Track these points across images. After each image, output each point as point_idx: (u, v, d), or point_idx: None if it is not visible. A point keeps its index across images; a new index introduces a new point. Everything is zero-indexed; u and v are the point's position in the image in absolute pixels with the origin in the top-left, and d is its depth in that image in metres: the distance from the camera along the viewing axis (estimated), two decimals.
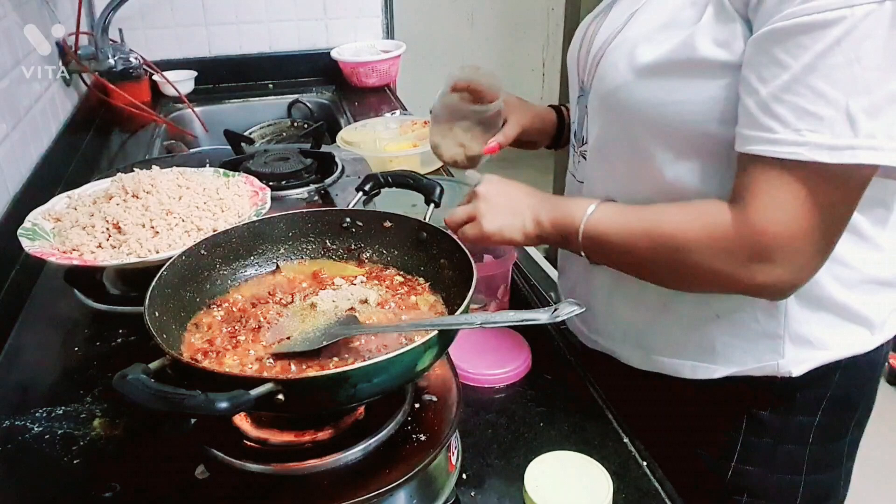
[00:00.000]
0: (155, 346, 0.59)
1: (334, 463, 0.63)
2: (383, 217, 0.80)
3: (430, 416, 0.69)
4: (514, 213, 0.83)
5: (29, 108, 1.40)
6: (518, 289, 1.08)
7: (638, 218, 0.76)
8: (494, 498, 0.72)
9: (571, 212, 0.80)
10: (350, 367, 0.57)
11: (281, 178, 1.30)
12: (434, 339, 0.60)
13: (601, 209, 0.78)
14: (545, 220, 0.82)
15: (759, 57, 0.65)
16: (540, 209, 0.82)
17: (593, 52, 0.84)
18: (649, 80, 0.74)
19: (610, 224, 0.77)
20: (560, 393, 0.86)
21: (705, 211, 0.71)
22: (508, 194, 0.85)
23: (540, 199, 0.84)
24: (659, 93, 0.73)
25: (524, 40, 3.96)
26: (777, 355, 0.81)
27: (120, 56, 1.87)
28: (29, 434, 0.78)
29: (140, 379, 0.51)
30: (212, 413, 0.50)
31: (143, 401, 0.50)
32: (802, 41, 0.61)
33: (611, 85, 0.78)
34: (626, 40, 0.78)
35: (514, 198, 0.85)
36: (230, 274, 0.78)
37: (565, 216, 0.80)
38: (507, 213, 0.83)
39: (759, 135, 0.65)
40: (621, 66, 0.77)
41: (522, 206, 0.83)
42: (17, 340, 0.96)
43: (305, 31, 2.16)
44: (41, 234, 0.95)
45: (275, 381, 0.53)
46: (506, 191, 0.86)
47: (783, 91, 0.63)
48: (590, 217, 0.77)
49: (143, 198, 0.99)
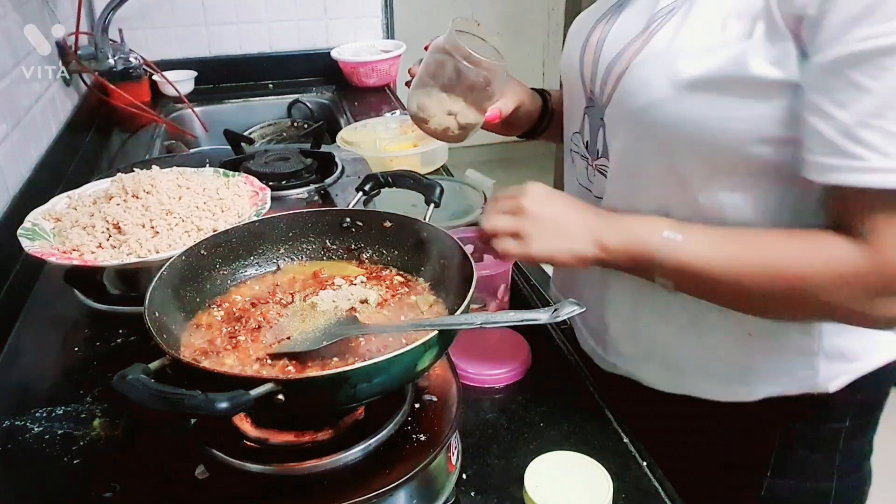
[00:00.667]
0: (155, 346, 0.59)
1: (334, 463, 0.63)
2: (383, 217, 0.80)
3: (430, 417, 0.69)
4: (567, 234, 0.76)
5: (29, 109, 1.40)
6: (518, 289, 1.08)
7: (745, 251, 0.70)
8: (494, 498, 0.72)
9: (645, 237, 0.72)
10: (350, 367, 0.57)
11: (281, 178, 1.30)
12: (434, 339, 0.60)
13: (688, 237, 0.71)
14: (613, 245, 0.74)
15: (832, 81, 0.62)
16: (603, 231, 0.75)
17: (607, 61, 0.79)
18: (692, 96, 0.69)
19: (708, 257, 0.70)
20: (560, 393, 0.86)
21: (825, 246, 0.66)
22: (560, 211, 0.77)
23: (599, 219, 0.76)
24: (702, 110, 0.69)
25: (524, 40, 3.96)
26: (812, 372, 0.79)
27: (120, 56, 1.87)
28: (29, 434, 0.78)
29: (140, 379, 0.51)
30: (212, 413, 0.50)
31: (142, 401, 0.50)
32: (885, 63, 0.59)
33: (644, 101, 0.73)
34: (658, 53, 0.72)
35: (566, 216, 0.77)
36: (230, 274, 0.78)
37: (639, 242, 0.73)
38: (559, 235, 0.76)
39: (847, 163, 0.62)
40: (657, 81, 0.71)
41: (577, 227, 0.76)
42: (16, 340, 0.96)
43: (305, 31, 2.16)
44: (41, 234, 0.95)
45: (275, 381, 0.53)
46: (556, 207, 0.77)
47: (870, 116, 0.60)
48: (675, 246, 0.71)
49: (143, 198, 0.99)
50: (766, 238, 0.70)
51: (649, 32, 0.74)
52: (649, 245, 0.72)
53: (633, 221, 0.75)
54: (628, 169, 0.80)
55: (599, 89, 0.81)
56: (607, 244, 0.74)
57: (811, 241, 0.68)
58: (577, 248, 0.75)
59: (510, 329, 0.95)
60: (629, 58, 0.75)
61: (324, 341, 0.65)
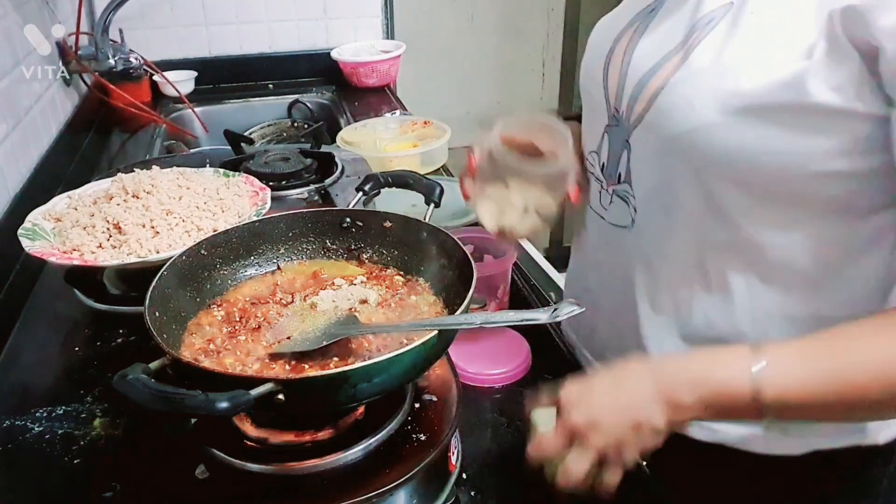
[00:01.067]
0: (155, 346, 0.59)
1: (334, 463, 0.63)
2: (383, 217, 0.80)
3: (430, 416, 0.69)
4: (631, 413, 0.61)
5: (29, 109, 1.40)
6: (518, 289, 1.08)
7: (844, 369, 0.58)
8: (494, 498, 0.72)
9: (728, 380, 0.59)
10: (350, 366, 0.57)
11: (281, 178, 1.30)
12: (434, 339, 0.60)
13: (777, 367, 0.58)
14: (690, 400, 0.60)
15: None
16: (672, 386, 0.60)
17: (638, 76, 0.70)
18: (741, 124, 0.61)
19: (806, 386, 0.58)
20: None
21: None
22: (608, 393, 0.63)
23: (661, 376, 0.62)
24: (752, 140, 0.61)
25: (524, 41, 3.96)
26: (862, 425, 0.73)
27: (120, 56, 1.87)
28: (29, 434, 0.78)
29: (140, 379, 0.52)
30: (212, 413, 0.50)
31: (143, 401, 0.51)
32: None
33: (684, 126, 0.64)
34: (702, 70, 0.63)
35: (618, 394, 0.62)
36: (230, 274, 0.78)
37: (723, 388, 0.59)
38: (616, 413, 0.61)
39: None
40: (701, 103, 0.62)
41: (637, 397, 0.61)
42: (17, 340, 0.96)
43: (305, 32, 2.16)
44: (41, 234, 0.95)
45: (275, 381, 0.53)
46: (603, 391, 0.63)
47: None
48: (767, 382, 0.58)
49: (143, 198, 0.99)
50: (864, 346, 0.59)
51: (689, 46, 0.65)
52: (736, 387, 0.59)
53: (707, 361, 0.62)
54: (660, 200, 0.71)
55: (627, 108, 0.72)
56: (683, 400, 0.60)
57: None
58: (644, 418, 0.60)
59: (510, 329, 0.95)
60: (666, 75, 0.66)
61: (324, 341, 0.65)
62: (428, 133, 1.57)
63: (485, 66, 3.43)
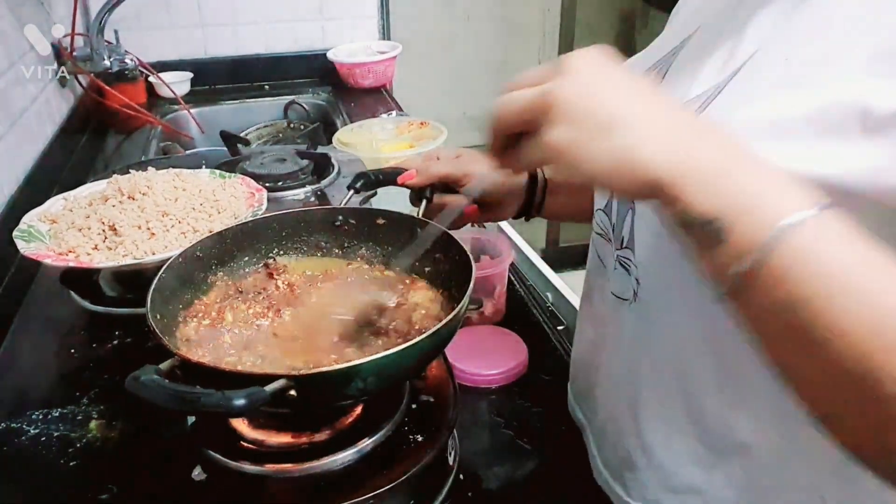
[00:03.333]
0: (154, 347, 0.59)
1: (331, 464, 0.63)
2: (376, 214, 0.80)
3: (427, 417, 0.69)
4: (629, 128, 0.44)
5: (24, 110, 1.40)
6: (514, 289, 1.08)
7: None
8: (492, 498, 0.72)
9: (761, 193, 0.42)
10: (360, 360, 0.56)
11: (277, 179, 1.30)
12: (440, 330, 0.60)
13: (825, 223, 0.41)
14: (697, 180, 0.42)
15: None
16: (692, 146, 0.43)
17: None
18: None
19: (840, 258, 0.40)
20: (557, 393, 0.86)
21: None
22: (623, 91, 0.46)
23: (694, 127, 0.45)
24: None
25: (520, 41, 3.96)
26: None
27: (115, 57, 1.87)
28: (25, 436, 0.78)
29: (154, 379, 0.51)
30: (230, 410, 0.49)
31: (159, 401, 0.50)
32: None
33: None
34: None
35: (633, 99, 0.45)
36: (229, 274, 0.78)
37: (751, 191, 0.42)
38: (614, 125, 0.44)
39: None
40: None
41: (652, 123, 0.44)
42: (12, 342, 0.96)
43: (301, 33, 2.16)
44: (37, 235, 0.95)
45: (287, 377, 0.53)
46: (616, 83, 0.46)
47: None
48: (802, 230, 0.40)
49: (139, 199, 0.99)
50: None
51: (705, 101, 0.54)
52: (764, 215, 0.41)
53: (750, 161, 0.43)
54: (657, 270, 0.60)
55: None
56: (691, 165, 0.42)
57: None
58: (640, 155, 0.43)
59: (507, 330, 0.95)
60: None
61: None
62: (424, 134, 1.57)
63: (481, 67, 3.43)
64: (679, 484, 0.64)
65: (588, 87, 0.45)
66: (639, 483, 0.67)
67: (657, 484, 0.66)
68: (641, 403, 0.65)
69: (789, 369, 0.44)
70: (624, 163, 0.43)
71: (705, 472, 0.62)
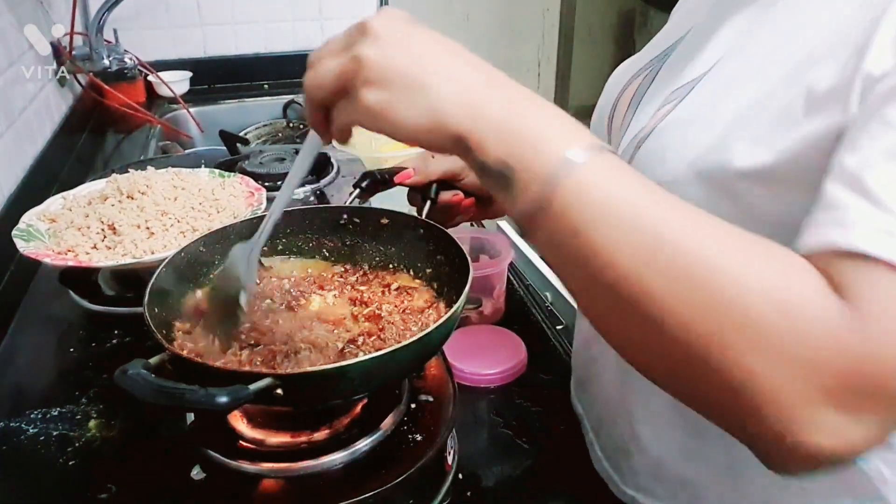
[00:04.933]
0: (153, 345, 0.59)
1: (330, 463, 0.63)
2: (380, 214, 0.80)
3: (427, 417, 0.69)
4: (429, 82, 0.46)
5: (23, 109, 1.40)
6: (514, 289, 1.08)
7: (675, 215, 0.43)
8: (491, 498, 0.72)
9: (541, 141, 0.44)
10: (348, 361, 0.56)
11: (277, 178, 1.30)
12: (432, 333, 0.60)
13: (601, 161, 0.43)
14: (486, 125, 0.44)
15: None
16: (484, 100, 0.45)
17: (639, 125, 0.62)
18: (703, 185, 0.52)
19: (613, 191, 0.43)
20: (556, 392, 0.86)
21: (794, 280, 0.40)
22: (425, 47, 0.48)
23: (487, 80, 0.47)
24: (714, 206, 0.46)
25: (520, 41, 3.96)
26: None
27: (115, 56, 1.87)
28: (24, 436, 0.78)
29: (141, 374, 0.51)
30: (212, 407, 0.50)
31: (143, 395, 0.50)
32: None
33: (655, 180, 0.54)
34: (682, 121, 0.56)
35: (435, 53, 0.47)
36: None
37: (528, 144, 0.44)
38: (418, 80, 0.46)
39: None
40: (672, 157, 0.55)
41: (448, 75, 0.46)
42: (11, 342, 0.96)
43: (301, 32, 2.16)
44: (36, 234, 0.95)
45: (273, 375, 0.53)
46: (421, 39, 0.48)
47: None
48: (580, 166, 0.42)
49: (138, 199, 0.99)
50: (720, 224, 0.43)
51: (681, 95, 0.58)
52: (545, 155, 0.43)
53: (528, 103, 0.46)
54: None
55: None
56: (481, 116, 0.44)
57: (781, 258, 0.41)
58: (442, 113, 0.45)
59: (506, 329, 0.95)
60: (653, 124, 0.59)
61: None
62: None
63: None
64: (668, 474, 0.66)
65: (392, 48, 0.47)
66: (633, 472, 0.69)
67: (649, 473, 0.68)
68: (633, 395, 0.67)
69: (577, 296, 0.48)
70: (431, 121, 0.45)
71: (692, 463, 0.64)
